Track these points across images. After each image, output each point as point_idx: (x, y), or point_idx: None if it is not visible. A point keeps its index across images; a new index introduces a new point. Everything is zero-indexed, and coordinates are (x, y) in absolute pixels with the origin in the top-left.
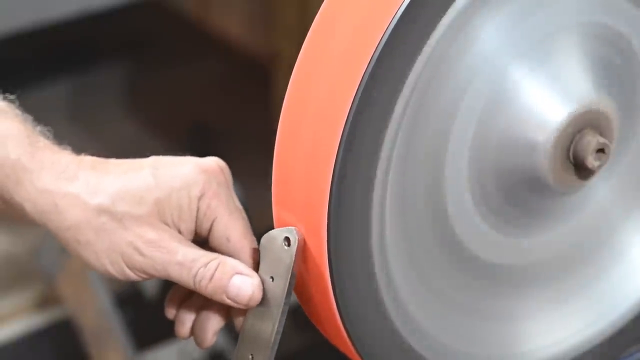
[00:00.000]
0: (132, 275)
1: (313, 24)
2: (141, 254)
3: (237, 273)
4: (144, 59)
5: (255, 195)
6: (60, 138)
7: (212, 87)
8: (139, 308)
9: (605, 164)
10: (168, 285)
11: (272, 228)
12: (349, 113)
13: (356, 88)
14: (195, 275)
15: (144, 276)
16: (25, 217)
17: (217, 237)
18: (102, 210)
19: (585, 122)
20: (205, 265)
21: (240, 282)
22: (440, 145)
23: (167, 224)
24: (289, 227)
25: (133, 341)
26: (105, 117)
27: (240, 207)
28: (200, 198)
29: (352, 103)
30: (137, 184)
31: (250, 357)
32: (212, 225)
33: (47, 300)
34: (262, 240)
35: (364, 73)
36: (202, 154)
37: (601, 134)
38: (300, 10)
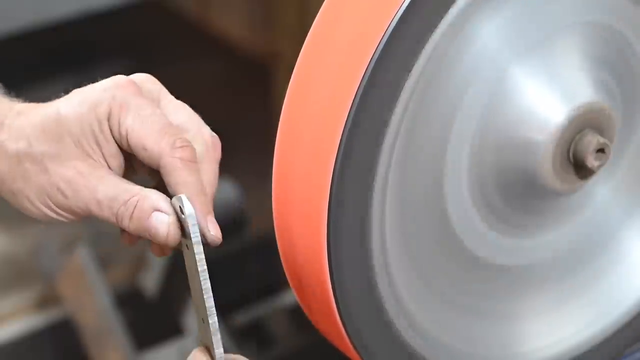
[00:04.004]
0: (68, 217)
1: (313, 24)
2: (64, 195)
3: (156, 210)
4: (144, 59)
5: (255, 195)
6: None
7: (212, 87)
8: (139, 308)
9: (605, 164)
10: (168, 285)
11: (272, 228)
12: (349, 113)
13: (356, 88)
14: (116, 215)
15: (74, 217)
16: None
17: (136, 152)
18: (22, 156)
19: (585, 122)
20: (125, 203)
21: (157, 221)
22: (440, 145)
23: (90, 156)
24: (180, 196)
25: (133, 341)
26: None
27: (159, 111)
28: (109, 117)
29: (352, 103)
30: (49, 120)
31: (201, 320)
32: (128, 140)
33: (47, 300)
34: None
35: (364, 73)
36: None
37: (601, 134)
38: (300, 10)
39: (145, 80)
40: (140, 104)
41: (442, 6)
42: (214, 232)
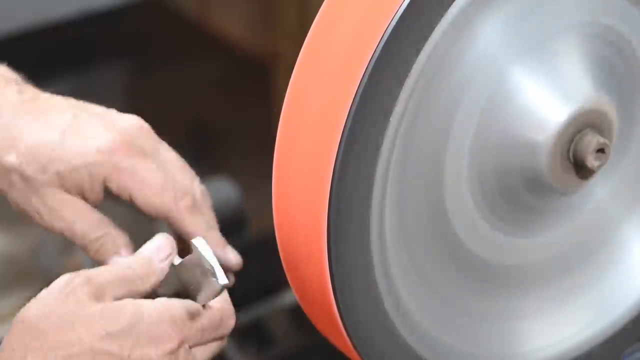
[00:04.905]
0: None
1: (313, 24)
2: (42, 218)
3: (116, 254)
4: (144, 59)
5: (255, 195)
6: None
7: (212, 87)
8: None
9: (605, 164)
10: None
11: (272, 228)
12: (349, 113)
13: (356, 88)
14: (85, 247)
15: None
16: None
17: (142, 208)
18: (12, 169)
19: (585, 122)
20: (95, 240)
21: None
22: (440, 145)
23: (70, 193)
24: (221, 273)
25: None
26: None
27: (154, 165)
28: (105, 180)
29: (352, 103)
30: (44, 149)
31: None
32: (131, 198)
33: None
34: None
35: (364, 73)
36: (202, 154)
37: (601, 134)
38: (300, 10)
39: (138, 134)
40: (136, 165)
41: (443, 5)
42: (235, 260)
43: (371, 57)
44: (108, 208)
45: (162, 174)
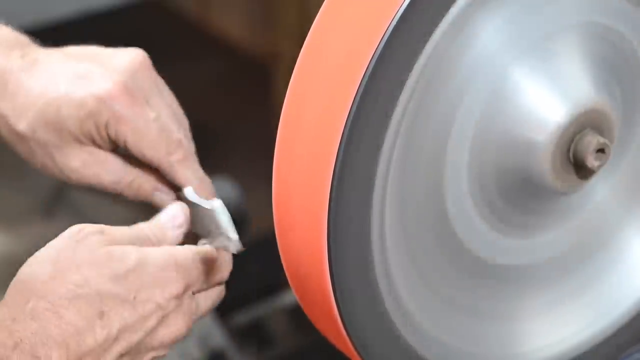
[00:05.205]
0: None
1: (313, 24)
2: (69, 178)
3: (157, 191)
4: None
5: (255, 195)
6: None
7: (212, 87)
8: None
9: (605, 164)
10: None
11: (272, 228)
12: (349, 113)
13: (356, 88)
14: (123, 192)
15: None
16: None
17: (136, 155)
18: (27, 137)
19: (585, 122)
20: (129, 185)
21: (160, 199)
22: (440, 145)
23: (85, 145)
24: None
25: None
26: None
27: (153, 114)
28: (107, 126)
29: (353, 103)
30: (51, 112)
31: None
32: (125, 146)
33: None
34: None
35: (364, 73)
36: (202, 154)
37: (601, 134)
38: (300, 10)
39: (137, 73)
40: (135, 115)
41: (443, 6)
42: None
43: (371, 57)
44: (108, 208)
45: (157, 125)
